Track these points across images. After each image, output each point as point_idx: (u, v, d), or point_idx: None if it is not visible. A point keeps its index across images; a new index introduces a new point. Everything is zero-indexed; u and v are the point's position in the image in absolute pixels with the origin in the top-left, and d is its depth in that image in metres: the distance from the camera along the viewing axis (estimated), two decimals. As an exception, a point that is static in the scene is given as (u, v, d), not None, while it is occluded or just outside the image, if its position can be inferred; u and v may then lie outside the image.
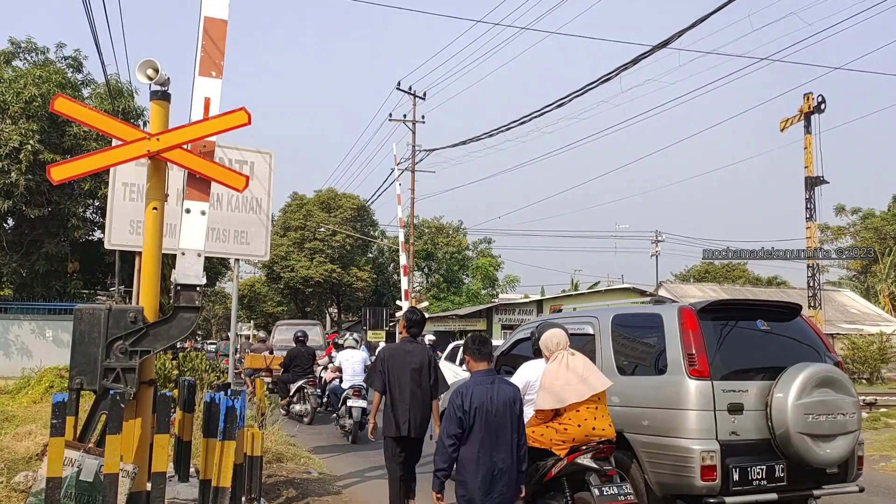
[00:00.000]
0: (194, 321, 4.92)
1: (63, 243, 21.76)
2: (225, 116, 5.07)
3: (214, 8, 5.14)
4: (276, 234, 42.65)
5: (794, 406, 5.10)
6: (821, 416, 5.18)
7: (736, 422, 5.16)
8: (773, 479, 5.16)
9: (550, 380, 4.94)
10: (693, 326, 5.35)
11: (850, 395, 5.39)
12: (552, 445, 4.86)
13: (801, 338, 5.83)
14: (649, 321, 5.77)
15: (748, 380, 5.33)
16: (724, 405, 5.16)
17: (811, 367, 5.28)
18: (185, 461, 6.33)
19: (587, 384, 4.84)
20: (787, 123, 22.62)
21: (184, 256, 4.94)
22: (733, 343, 5.56)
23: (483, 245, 55.78)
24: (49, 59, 23.25)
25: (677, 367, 5.28)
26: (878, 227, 46.84)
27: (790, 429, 5.10)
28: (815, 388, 5.21)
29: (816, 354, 5.73)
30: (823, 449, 5.20)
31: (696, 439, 5.06)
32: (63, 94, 5.15)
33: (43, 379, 14.27)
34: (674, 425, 5.20)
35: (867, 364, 32.09)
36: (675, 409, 5.23)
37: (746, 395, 5.24)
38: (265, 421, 9.25)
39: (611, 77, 16.61)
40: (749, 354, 5.60)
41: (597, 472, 4.71)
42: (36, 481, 4.51)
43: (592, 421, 4.80)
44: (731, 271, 57.80)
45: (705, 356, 5.21)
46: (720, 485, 5.00)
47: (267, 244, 8.79)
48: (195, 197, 5.06)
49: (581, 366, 4.94)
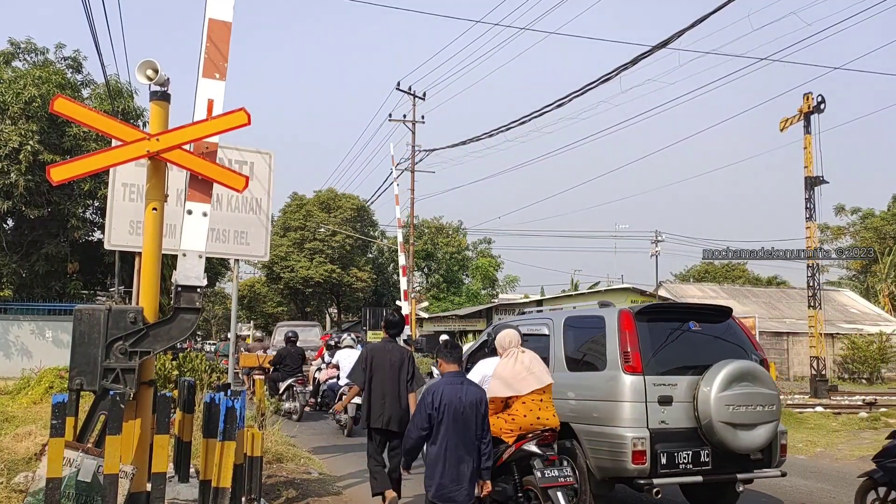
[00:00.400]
0: (195, 322, 4.92)
1: (63, 244, 21.76)
2: (225, 117, 5.07)
3: (219, 10, 5.15)
4: (275, 234, 42.66)
5: (717, 398, 5.68)
6: (741, 407, 5.74)
7: (665, 412, 5.76)
8: (698, 463, 5.75)
9: (503, 371, 5.49)
10: (629, 327, 5.97)
11: (769, 388, 5.95)
12: (502, 434, 5.33)
13: (730, 337, 6.41)
14: (594, 323, 6.39)
15: (678, 375, 5.90)
16: (655, 397, 5.77)
17: (733, 364, 5.84)
18: (185, 462, 6.33)
19: (535, 376, 5.40)
20: (786, 123, 22.57)
21: (185, 258, 4.94)
22: (666, 342, 6.16)
23: (483, 245, 55.86)
24: (49, 60, 23.25)
25: (615, 364, 5.92)
26: (878, 226, 46.86)
27: (713, 418, 5.67)
28: (737, 382, 5.77)
29: (743, 352, 6.28)
30: (744, 437, 5.76)
31: (628, 427, 5.68)
32: (63, 95, 5.14)
33: (43, 379, 14.27)
34: (610, 415, 5.82)
35: (867, 364, 32.11)
36: (611, 401, 5.85)
37: (676, 389, 5.84)
38: (265, 421, 9.25)
39: (610, 77, 16.61)
40: (680, 352, 6.16)
41: (540, 458, 5.21)
42: (34, 481, 4.50)
43: (538, 411, 5.32)
44: (731, 271, 57.82)
45: (639, 354, 5.84)
46: (649, 468, 5.60)
47: (267, 244, 8.79)
48: (197, 198, 5.06)
49: (529, 361, 5.49)
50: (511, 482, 5.38)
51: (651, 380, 5.80)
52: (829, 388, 21.93)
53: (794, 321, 36.91)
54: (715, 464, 5.80)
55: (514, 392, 5.38)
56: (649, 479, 5.63)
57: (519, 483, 5.35)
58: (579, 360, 6.43)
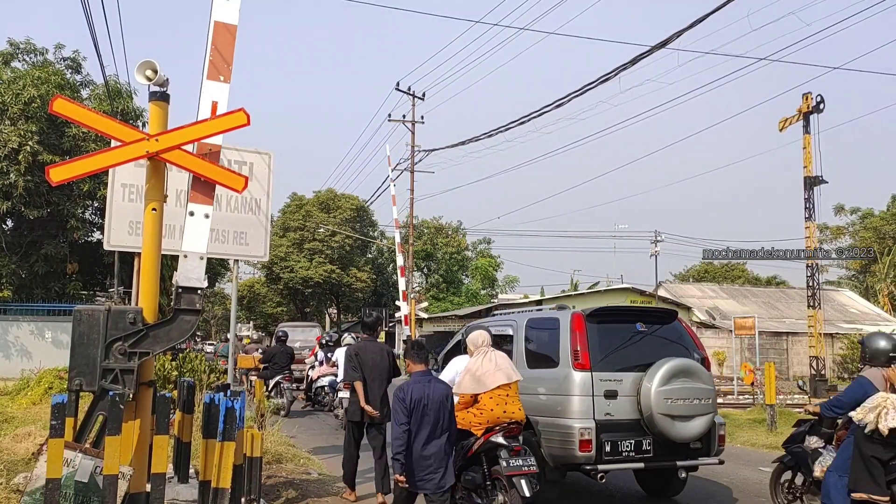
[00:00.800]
0: (194, 324, 4.92)
1: (62, 244, 21.75)
2: (224, 117, 5.07)
3: (225, 13, 5.17)
4: (275, 234, 42.66)
5: (657, 392, 6.23)
6: (679, 401, 6.29)
7: (611, 405, 6.32)
8: (640, 451, 6.32)
9: (474, 368, 5.91)
10: (580, 328, 6.53)
11: (705, 383, 6.54)
12: (472, 427, 5.75)
13: (674, 338, 6.96)
14: (551, 324, 6.93)
15: (624, 371, 6.45)
16: (601, 392, 6.33)
17: (672, 361, 6.39)
18: (184, 462, 6.32)
19: (503, 372, 5.82)
20: (785, 123, 22.57)
21: (186, 259, 4.94)
22: (614, 342, 6.72)
23: (482, 245, 55.87)
24: (48, 60, 23.24)
25: (566, 361, 6.49)
26: (878, 226, 46.88)
27: (654, 411, 6.22)
28: (675, 377, 6.32)
29: (686, 351, 6.85)
30: (682, 427, 6.32)
31: (577, 419, 6.22)
32: (62, 96, 5.15)
33: (42, 380, 14.26)
34: (562, 408, 6.36)
35: (866, 364, 32.08)
36: (563, 395, 6.41)
37: (621, 384, 6.40)
38: (264, 422, 9.25)
39: (610, 77, 16.61)
40: (626, 351, 6.70)
41: (506, 448, 5.59)
42: (31, 480, 4.50)
43: (504, 406, 5.71)
44: (731, 271, 57.84)
45: (587, 352, 6.41)
46: (595, 455, 6.15)
47: (266, 245, 8.77)
48: (199, 200, 5.06)
49: (498, 359, 5.93)
50: (480, 471, 5.76)
51: (598, 376, 6.36)
52: (828, 387, 21.92)
53: (793, 321, 36.92)
54: (656, 452, 6.35)
55: (484, 387, 5.78)
56: (595, 466, 6.18)
57: (487, 472, 5.74)
58: (537, 358, 6.89)
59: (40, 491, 4.35)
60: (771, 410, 12.09)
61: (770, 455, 10.25)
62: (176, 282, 4.89)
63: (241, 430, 5.39)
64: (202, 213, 5.03)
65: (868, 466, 5.35)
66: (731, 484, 8.00)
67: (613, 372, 6.42)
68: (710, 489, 7.75)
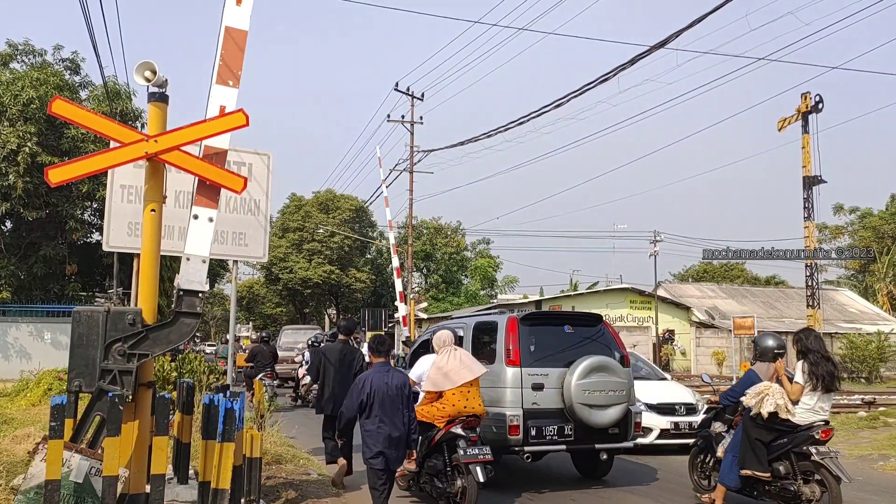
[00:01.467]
0: (195, 327, 4.92)
1: (61, 245, 21.73)
2: (223, 118, 5.07)
3: (236, 19, 5.20)
4: (274, 235, 42.66)
5: (577, 385, 7.24)
6: (596, 392, 7.30)
7: (537, 396, 7.29)
8: (562, 435, 7.34)
9: (440, 366, 6.58)
10: (513, 330, 7.47)
11: (620, 377, 7.53)
12: (435, 420, 6.45)
13: (598, 338, 7.95)
14: (492, 326, 7.88)
15: (550, 367, 7.43)
16: (529, 384, 7.31)
17: (591, 358, 7.40)
18: (184, 463, 6.32)
19: (468, 369, 6.50)
20: (784, 123, 22.65)
21: (188, 262, 4.94)
22: (543, 342, 7.67)
23: (482, 245, 55.83)
24: (47, 62, 23.22)
25: (501, 358, 7.44)
26: (877, 226, 46.93)
27: (574, 401, 7.23)
28: (593, 372, 7.33)
29: (608, 350, 7.82)
30: (598, 415, 7.33)
31: (508, 408, 7.19)
32: (61, 97, 5.15)
33: (41, 381, 14.26)
34: (497, 399, 7.26)
35: (866, 363, 32.10)
36: (498, 387, 7.32)
37: (547, 378, 7.38)
38: (264, 422, 9.25)
39: (609, 77, 16.60)
40: (554, 350, 7.64)
41: (464, 439, 6.32)
42: (25, 479, 4.49)
43: (464, 401, 6.43)
44: (730, 271, 57.85)
45: (518, 351, 7.37)
46: (523, 439, 7.12)
47: (265, 246, 8.77)
48: (204, 203, 5.07)
49: (462, 357, 6.64)
50: (441, 459, 6.48)
51: (527, 371, 7.34)
52: (827, 387, 21.89)
53: (792, 321, 36.93)
54: (577, 436, 7.37)
55: (452, 384, 6.45)
56: (522, 448, 7.15)
57: (448, 459, 6.43)
58: (481, 356, 7.52)
59: (35, 490, 4.34)
60: (770, 410, 12.08)
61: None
62: (177, 284, 4.89)
63: (241, 430, 5.38)
64: (206, 216, 5.04)
65: (753, 447, 6.21)
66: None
67: (541, 367, 7.41)
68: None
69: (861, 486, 8.05)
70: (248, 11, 5.23)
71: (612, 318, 35.94)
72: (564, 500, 7.35)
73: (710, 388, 9.30)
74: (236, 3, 5.21)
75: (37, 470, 4.39)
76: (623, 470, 8.75)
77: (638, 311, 36.85)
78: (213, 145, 5.20)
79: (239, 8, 5.21)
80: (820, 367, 6.17)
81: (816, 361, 6.22)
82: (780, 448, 6.22)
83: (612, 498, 7.43)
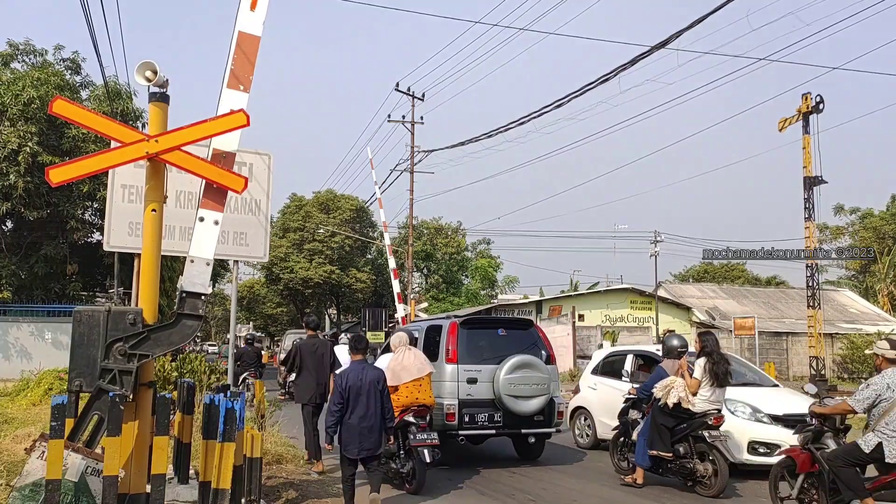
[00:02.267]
0: (196, 329, 4.93)
1: (62, 245, 21.73)
2: (223, 118, 5.07)
3: (250, 24, 5.23)
4: (275, 235, 42.62)
5: (504, 379, 8.50)
6: (521, 385, 8.55)
7: (472, 388, 8.58)
8: (492, 421, 8.61)
9: (393, 364, 7.66)
10: (453, 333, 8.75)
11: (543, 373, 8.74)
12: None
13: (528, 340, 9.23)
14: (438, 329, 9.12)
15: (484, 364, 8.69)
16: (465, 379, 8.57)
17: (517, 356, 8.63)
18: (184, 463, 6.32)
19: (416, 368, 7.60)
20: (785, 123, 22.59)
21: (193, 264, 4.95)
22: (479, 343, 8.94)
23: (482, 246, 55.81)
24: (47, 61, 23.21)
25: (442, 356, 8.69)
26: (877, 226, 46.86)
27: (502, 392, 8.49)
28: (518, 368, 8.58)
29: (536, 350, 9.07)
30: (523, 405, 8.58)
31: (447, 398, 8.43)
32: (61, 97, 5.15)
33: (42, 381, 14.28)
34: (439, 391, 8.39)
35: (866, 364, 32.06)
36: (440, 381, 8.48)
37: (480, 373, 8.64)
38: (265, 422, 9.25)
39: (609, 78, 16.60)
40: (488, 349, 8.90)
41: (415, 425, 7.46)
42: (21, 476, 4.49)
43: (417, 393, 7.57)
44: (730, 271, 57.82)
45: (456, 350, 8.65)
46: (458, 424, 8.41)
47: (266, 245, 8.78)
48: (210, 206, 5.08)
49: (414, 356, 7.77)
50: (397, 443, 7.42)
51: (463, 367, 8.59)
52: (828, 388, 21.92)
53: (793, 321, 36.91)
54: (506, 422, 8.64)
55: (399, 381, 7.49)
56: (457, 432, 8.43)
57: (402, 444, 7.51)
58: (431, 355, 8.55)
59: (30, 487, 4.34)
60: (771, 410, 12.04)
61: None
62: (181, 286, 4.89)
63: (241, 430, 5.39)
64: (212, 219, 5.05)
65: (659, 432, 7.48)
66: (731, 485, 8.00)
67: (475, 364, 8.66)
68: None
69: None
70: (261, 17, 5.26)
71: (613, 319, 35.95)
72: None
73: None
74: (250, 9, 5.24)
75: (33, 467, 4.39)
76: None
77: (638, 312, 36.85)
78: (222, 147, 5.21)
79: (252, 13, 5.25)
80: (718, 366, 7.34)
81: (717, 360, 7.38)
82: (681, 432, 7.45)
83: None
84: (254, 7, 5.24)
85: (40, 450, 4.39)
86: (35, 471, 4.33)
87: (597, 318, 35.57)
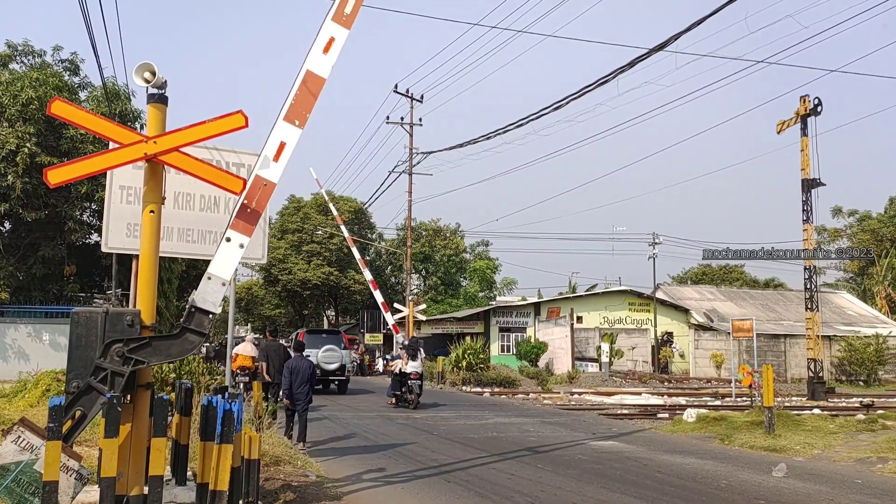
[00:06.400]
0: (198, 346, 4.93)
1: (60, 246, 21.72)
2: (222, 119, 5.07)
3: (319, 66, 5.36)
4: (273, 236, 42.62)
5: (321, 355, 20.65)
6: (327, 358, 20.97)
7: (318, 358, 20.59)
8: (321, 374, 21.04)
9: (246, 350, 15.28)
10: (301, 336, 21.25)
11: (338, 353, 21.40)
12: None
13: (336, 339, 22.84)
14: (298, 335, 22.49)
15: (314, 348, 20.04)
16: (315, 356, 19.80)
17: (326, 346, 21.30)
18: (182, 464, 6.31)
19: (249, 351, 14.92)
20: (783, 126, 22.65)
21: (209, 281, 4.95)
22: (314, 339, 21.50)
23: (481, 247, 55.85)
24: (46, 62, 23.22)
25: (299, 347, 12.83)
26: (875, 229, 46.92)
27: (320, 361, 20.25)
28: (326, 351, 21.06)
29: (339, 342, 22.30)
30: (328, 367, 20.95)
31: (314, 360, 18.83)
32: (60, 97, 5.14)
33: (40, 382, 14.21)
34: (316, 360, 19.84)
35: (864, 366, 32.12)
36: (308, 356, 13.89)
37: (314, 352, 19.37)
38: (262, 424, 9.23)
39: (608, 80, 16.61)
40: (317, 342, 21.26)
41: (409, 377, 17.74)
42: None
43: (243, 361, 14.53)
44: (729, 273, 57.89)
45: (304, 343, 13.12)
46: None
47: (264, 247, 8.77)
48: (240, 228, 5.10)
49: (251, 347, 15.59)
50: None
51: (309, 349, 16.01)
52: (826, 390, 21.95)
53: (791, 323, 36.95)
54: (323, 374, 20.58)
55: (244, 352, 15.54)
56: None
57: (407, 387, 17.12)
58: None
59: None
60: (769, 412, 12.08)
61: (769, 457, 10.27)
62: (192, 300, 4.89)
63: (239, 432, 5.38)
64: (238, 242, 5.08)
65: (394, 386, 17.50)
66: (730, 486, 8.01)
67: (312, 349, 18.75)
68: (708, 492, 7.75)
69: (860, 488, 8.06)
70: (332, 61, 5.38)
71: (612, 321, 35.97)
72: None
73: None
74: (323, 52, 5.34)
75: (5, 450, 4.38)
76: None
77: (637, 314, 36.86)
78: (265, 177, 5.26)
79: (324, 56, 5.35)
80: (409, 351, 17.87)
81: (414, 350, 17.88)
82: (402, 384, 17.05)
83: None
84: (327, 51, 5.36)
85: (16, 434, 4.39)
86: (6, 453, 4.33)
87: (595, 320, 35.59)
